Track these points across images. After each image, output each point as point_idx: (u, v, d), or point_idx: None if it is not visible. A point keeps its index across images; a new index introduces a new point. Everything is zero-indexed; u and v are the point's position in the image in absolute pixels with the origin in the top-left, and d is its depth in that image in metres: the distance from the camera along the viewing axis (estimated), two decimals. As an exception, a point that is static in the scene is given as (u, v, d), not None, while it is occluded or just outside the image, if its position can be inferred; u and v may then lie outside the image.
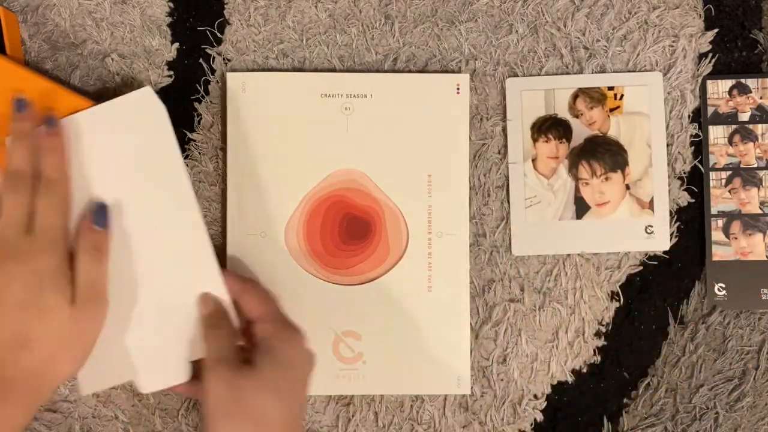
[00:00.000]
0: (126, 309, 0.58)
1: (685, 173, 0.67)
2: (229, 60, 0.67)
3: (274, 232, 0.65)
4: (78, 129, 0.59)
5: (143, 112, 0.59)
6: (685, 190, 0.67)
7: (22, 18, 0.68)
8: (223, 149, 0.67)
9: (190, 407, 0.67)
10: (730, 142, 0.67)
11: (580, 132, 0.67)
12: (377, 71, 0.67)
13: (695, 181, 0.67)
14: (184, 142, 0.67)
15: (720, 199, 0.67)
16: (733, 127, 0.67)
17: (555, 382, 0.67)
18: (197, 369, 0.58)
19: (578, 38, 0.67)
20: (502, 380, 0.67)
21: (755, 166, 0.67)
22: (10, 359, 0.51)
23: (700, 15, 0.68)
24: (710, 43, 0.67)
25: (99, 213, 0.57)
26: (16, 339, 0.51)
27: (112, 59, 0.67)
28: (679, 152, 0.67)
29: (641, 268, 0.67)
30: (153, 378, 0.58)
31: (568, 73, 0.67)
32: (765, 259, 0.66)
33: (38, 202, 0.55)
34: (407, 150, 0.66)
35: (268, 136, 0.66)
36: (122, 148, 0.59)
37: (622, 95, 0.67)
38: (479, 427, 0.67)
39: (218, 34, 0.68)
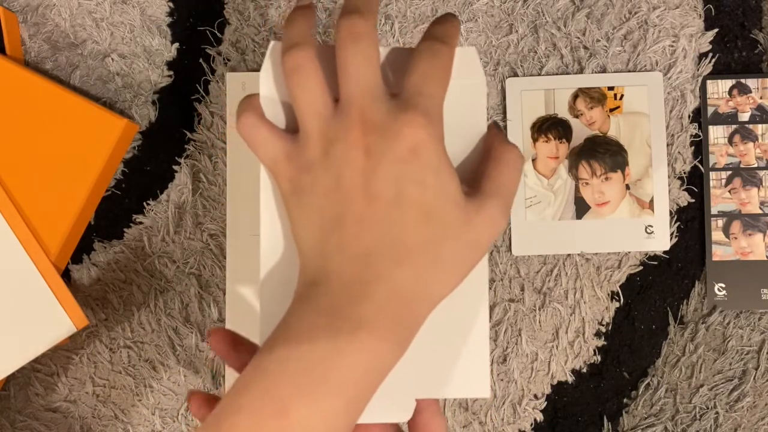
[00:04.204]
0: None
1: (685, 173, 0.67)
2: (229, 60, 0.67)
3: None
4: None
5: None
6: (685, 190, 0.67)
7: (22, 18, 0.68)
8: (223, 149, 0.67)
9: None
10: (730, 142, 0.67)
11: (580, 132, 0.67)
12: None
13: (695, 181, 0.67)
14: (184, 142, 0.67)
15: (720, 199, 0.67)
16: (733, 127, 0.67)
17: (555, 382, 0.67)
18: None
19: (578, 38, 0.67)
20: (502, 380, 0.67)
21: (755, 166, 0.67)
22: (384, 274, 0.35)
23: (700, 15, 0.68)
24: (710, 43, 0.67)
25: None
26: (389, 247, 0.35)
27: (112, 59, 0.67)
28: (679, 152, 0.67)
29: (641, 268, 0.67)
30: (374, 408, 0.39)
31: (568, 73, 0.67)
32: (765, 259, 0.66)
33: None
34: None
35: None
36: None
37: (622, 95, 0.67)
38: (479, 427, 0.67)
39: (218, 34, 0.68)
